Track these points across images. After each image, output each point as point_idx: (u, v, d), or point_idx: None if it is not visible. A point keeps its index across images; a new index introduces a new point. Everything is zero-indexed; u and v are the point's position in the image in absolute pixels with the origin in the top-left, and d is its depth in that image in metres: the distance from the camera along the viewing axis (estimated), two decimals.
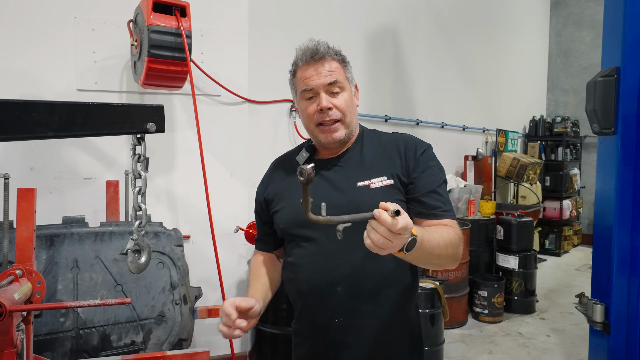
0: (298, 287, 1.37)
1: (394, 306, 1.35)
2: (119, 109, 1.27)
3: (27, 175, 2.56)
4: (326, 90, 1.32)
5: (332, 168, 1.39)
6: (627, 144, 1.59)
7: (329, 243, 1.29)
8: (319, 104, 1.31)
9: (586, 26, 7.80)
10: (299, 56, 1.35)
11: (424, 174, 1.33)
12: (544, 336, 4.02)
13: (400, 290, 1.35)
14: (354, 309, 1.31)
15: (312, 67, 1.32)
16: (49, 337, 2.07)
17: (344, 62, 1.37)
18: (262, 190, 1.50)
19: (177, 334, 2.28)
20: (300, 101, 1.37)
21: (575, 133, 7.56)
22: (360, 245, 1.28)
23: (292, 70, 1.40)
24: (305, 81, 1.33)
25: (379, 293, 1.32)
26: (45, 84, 2.60)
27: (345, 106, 1.33)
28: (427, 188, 1.32)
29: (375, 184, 1.31)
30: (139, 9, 2.34)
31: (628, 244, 1.62)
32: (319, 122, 1.33)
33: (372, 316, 1.32)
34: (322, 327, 1.34)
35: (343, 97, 1.34)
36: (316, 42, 1.34)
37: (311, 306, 1.36)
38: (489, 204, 4.90)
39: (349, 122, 1.35)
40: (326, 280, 1.30)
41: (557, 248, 7.07)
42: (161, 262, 2.31)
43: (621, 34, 1.58)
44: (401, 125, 4.59)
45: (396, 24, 4.51)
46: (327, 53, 1.33)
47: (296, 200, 1.35)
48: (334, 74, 1.32)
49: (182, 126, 2.90)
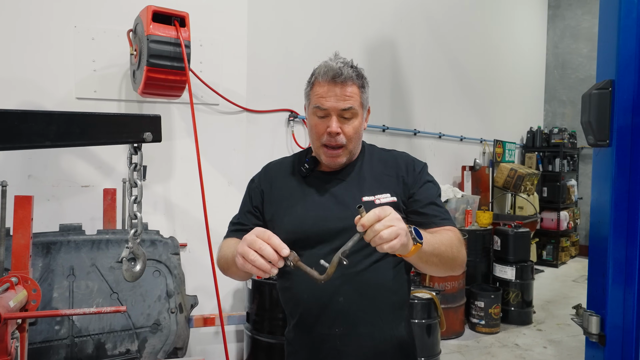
0: (296, 296, 1.37)
1: (392, 315, 1.37)
2: (116, 118, 1.28)
3: (25, 182, 2.57)
4: (339, 115, 1.33)
5: (335, 182, 1.41)
6: (621, 156, 1.60)
7: (331, 253, 1.27)
8: (329, 127, 1.32)
9: (583, 38, 7.88)
10: (320, 72, 1.34)
11: (422, 189, 1.39)
12: (541, 347, 4.01)
13: (398, 298, 1.38)
14: (355, 319, 1.32)
15: (331, 88, 1.32)
16: (44, 345, 2.06)
17: (363, 87, 1.38)
18: (265, 187, 1.49)
19: (173, 343, 2.27)
20: (312, 115, 1.38)
21: (572, 144, 7.59)
22: (361, 255, 1.31)
23: (310, 80, 1.40)
24: (321, 100, 1.33)
25: (379, 302, 1.34)
26: (45, 92, 2.61)
27: (352, 134, 1.35)
28: (426, 200, 1.37)
29: (381, 200, 1.34)
30: (139, 19, 2.36)
31: (623, 256, 1.62)
32: (324, 143, 1.36)
33: (372, 325, 1.33)
34: (322, 336, 1.34)
35: (353, 124, 1.35)
36: (342, 63, 1.33)
37: (311, 315, 1.35)
38: (486, 215, 4.91)
39: (351, 149, 1.38)
40: (328, 291, 1.30)
41: (554, 259, 7.08)
42: (157, 270, 2.31)
43: (615, 47, 1.60)
44: (399, 135, 4.61)
45: (394, 35, 4.54)
46: (349, 77, 1.32)
47: (297, 210, 1.38)
48: (350, 100, 1.33)
49: (181, 135, 2.91)
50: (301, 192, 1.42)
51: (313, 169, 1.44)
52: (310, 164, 1.43)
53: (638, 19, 1.55)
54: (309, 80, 1.40)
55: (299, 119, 3.42)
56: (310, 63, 1.43)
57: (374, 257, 1.33)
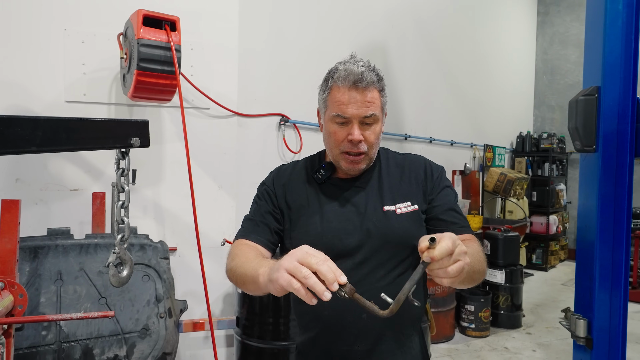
0: (316, 312, 1.26)
1: (412, 329, 1.35)
2: (103, 124, 1.27)
3: (12, 186, 2.54)
4: (360, 122, 1.26)
5: (354, 190, 1.35)
6: (607, 161, 1.63)
7: (354, 269, 1.25)
8: (351, 135, 1.25)
9: (571, 45, 7.97)
10: (340, 76, 1.25)
11: (440, 194, 1.35)
12: (530, 351, 4.03)
13: (418, 311, 1.35)
14: (378, 335, 1.28)
15: (352, 95, 1.24)
16: (31, 350, 2.04)
17: (383, 90, 1.31)
18: (279, 192, 1.39)
19: (162, 348, 2.25)
20: (330, 122, 1.29)
21: (561, 149, 7.68)
22: (385, 269, 1.28)
23: (328, 84, 1.29)
24: (341, 107, 1.25)
25: (402, 318, 1.27)
26: (34, 95, 2.59)
27: (374, 139, 1.29)
28: (445, 207, 1.33)
29: (402, 210, 1.30)
30: (129, 22, 2.35)
31: (609, 259, 1.64)
32: (345, 151, 1.29)
33: (394, 341, 1.30)
34: (343, 352, 1.30)
35: (374, 130, 1.28)
36: (363, 66, 1.26)
37: (331, 332, 1.30)
38: (476, 219, 4.94)
39: (372, 155, 1.33)
40: (351, 307, 1.23)
41: (543, 263, 7.13)
42: (146, 274, 2.29)
43: (601, 54, 1.63)
44: (390, 140, 4.63)
45: (385, 40, 4.57)
46: (371, 83, 1.25)
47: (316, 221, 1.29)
48: (372, 106, 1.25)
49: (171, 138, 2.90)
50: (318, 200, 1.35)
51: (330, 175, 1.37)
52: (327, 171, 1.37)
53: (623, 27, 1.57)
54: (326, 84, 1.30)
55: (289, 123, 3.42)
56: (301, 67, 1.44)
57: (397, 271, 1.28)
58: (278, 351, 2.69)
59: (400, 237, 1.29)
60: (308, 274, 0.90)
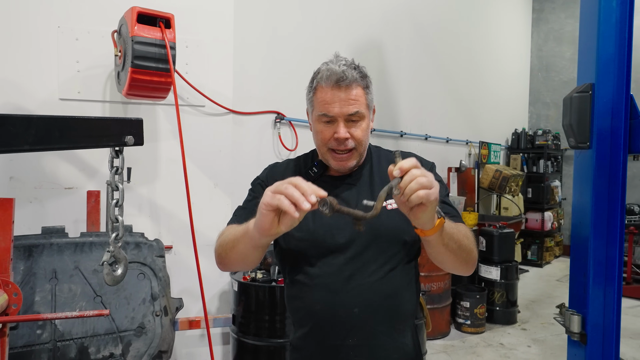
0: (308, 306, 1.32)
1: (404, 324, 1.35)
2: (96, 122, 1.26)
3: (6, 184, 2.53)
4: (346, 120, 1.28)
5: (345, 187, 1.37)
6: (601, 158, 1.63)
7: (346, 264, 1.27)
8: (336, 133, 1.28)
9: (566, 42, 8.00)
10: (323, 76, 1.28)
11: None
12: (525, 347, 4.05)
13: (411, 307, 1.35)
14: (370, 330, 1.29)
15: (335, 93, 1.26)
16: (25, 349, 2.03)
17: (368, 87, 1.32)
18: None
19: (157, 346, 2.25)
20: (317, 122, 1.32)
21: (556, 146, 7.70)
22: (376, 266, 1.29)
23: (312, 85, 1.33)
24: (326, 106, 1.27)
25: (394, 312, 1.31)
26: (28, 93, 2.58)
27: (361, 136, 1.31)
28: None
29: (392, 205, 1.30)
30: (124, 20, 2.34)
31: (603, 255, 1.65)
32: (332, 148, 1.31)
33: (386, 336, 1.30)
34: (334, 346, 1.30)
35: (361, 126, 1.30)
36: (344, 65, 1.28)
37: (324, 326, 1.31)
38: (472, 215, 4.95)
39: (361, 151, 1.34)
40: (342, 302, 1.27)
41: (539, 259, 7.16)
42: (142, 273, 2.29)
43: (595, 51, 1.63)
44: (385, 137, 4.63)
45: (381, 38, 4.57)
46: (353, 80, 1.26)
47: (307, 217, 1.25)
48: (356, 103, 1.27)
49: (166, 136, 2.89)
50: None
51: (322, 173, 1.39)
52: (319, 169, 1.39)
53: (617, 24, 1.58)
54: (311, 85, 1.34)
55: (285, 120, 3.42)
56: (297, 65, 1.44)
57: (388, 266, 1.30)
58: (274, 349, 2.69)
59: (391, 232, 1.30)
60: (288, 185, 0.97)
